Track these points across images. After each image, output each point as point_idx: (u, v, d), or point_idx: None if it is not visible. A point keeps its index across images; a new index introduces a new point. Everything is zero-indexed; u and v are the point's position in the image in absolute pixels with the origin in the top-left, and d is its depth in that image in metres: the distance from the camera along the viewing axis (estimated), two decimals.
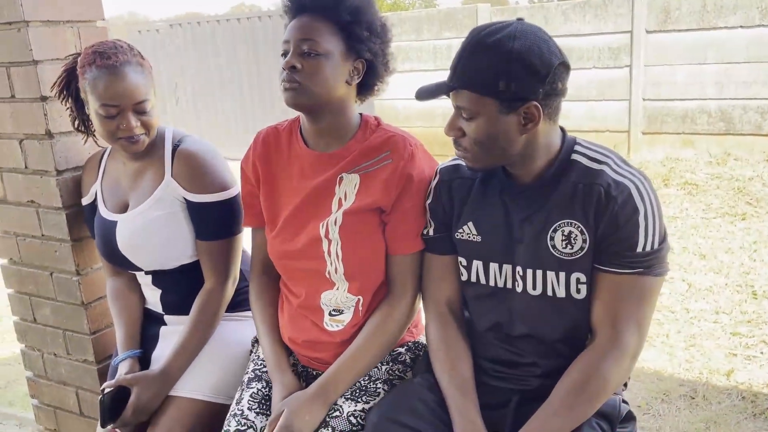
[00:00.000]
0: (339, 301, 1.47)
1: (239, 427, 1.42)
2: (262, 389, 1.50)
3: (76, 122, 1.72)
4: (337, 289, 1.46)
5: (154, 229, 1.64)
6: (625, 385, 1.42)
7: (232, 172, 1.68)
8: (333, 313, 1.48)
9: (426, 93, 1.29)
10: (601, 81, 7.56)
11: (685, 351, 3.33)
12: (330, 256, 1.43)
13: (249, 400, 1.47)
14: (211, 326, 1.68)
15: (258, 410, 1.45)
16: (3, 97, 1.83)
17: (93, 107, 1.56)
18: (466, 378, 1.36)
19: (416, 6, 29.24)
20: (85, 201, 1.79)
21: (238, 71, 9.17)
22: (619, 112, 7.55)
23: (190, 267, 1.71)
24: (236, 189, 1.67)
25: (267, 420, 1.40)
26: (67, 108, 1.71)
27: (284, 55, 1.39)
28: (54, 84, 1.68)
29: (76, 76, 1.61)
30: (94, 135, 1.74)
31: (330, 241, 1.43)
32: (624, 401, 1.37)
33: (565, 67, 1.24)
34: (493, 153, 1.25)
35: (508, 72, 1.18)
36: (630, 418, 1.37)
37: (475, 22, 7.92)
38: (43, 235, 1.91)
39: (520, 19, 1.25)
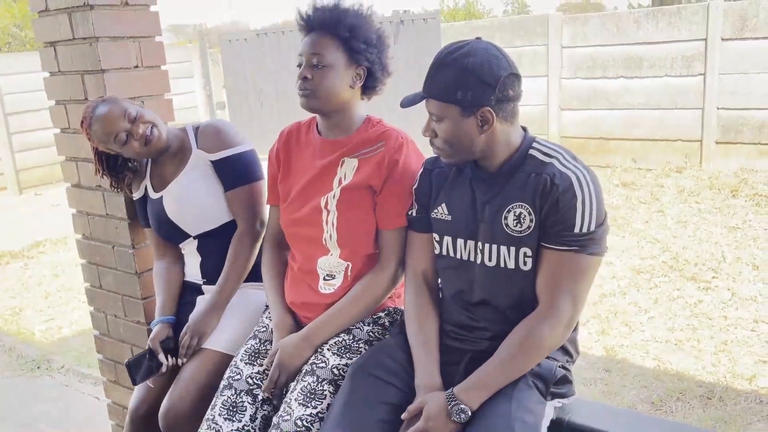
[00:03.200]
0: (332, 266, 1.75)
1: None
2: (232, 396, 1.70)
3: (111, 184, 2.11)
4: (331, 255, 1.74)
5: (192, 192, 2.01)
6: (571, 355, 1.60)
7: (245, 135, 2.09)
8: (327, 277, 1.76)
9: (408, 102, 1.55)
10: (674, 89, 7.45)
11: (713, 356, 3.38)
12: (327, 224, 1.72)
13: (220, 407, 1.67)
14: (247, 262, 2.00)
15: (227, 416, 1.65)
16: (79, 99, 2.21)
17: (114, 148, 1.95)
18: (431, 337, 1.61)
19: (508, 12, 29.18)
20: (136, 196, 2.15)
21: None
22: (692, 121, 7.42)
23: (229, 230, 2.03)
24: (250, 145, 2.04)
25: (233, 426, 1.64)
26: (109, 181, 2.10)
27: (299, 66, 1.70)
28: (96, 171, 2.08)
29: (97, 149, 2.01)
30: (129, 188, 2.14)
31: (328, 212, 1.72)
32: (564, 368, 1.55)
33: (515, 76, 1.46)
34: (459, 150, 1.50)
35: (464, 83, 1.42)
36: (566, 381, 1.56)
37: (546, 31, 8.00)
38: (107, 215, 2.30)
39: (478, 38, 1.50)
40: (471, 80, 1.42)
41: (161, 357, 1.95)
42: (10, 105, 9.08)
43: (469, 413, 1.43)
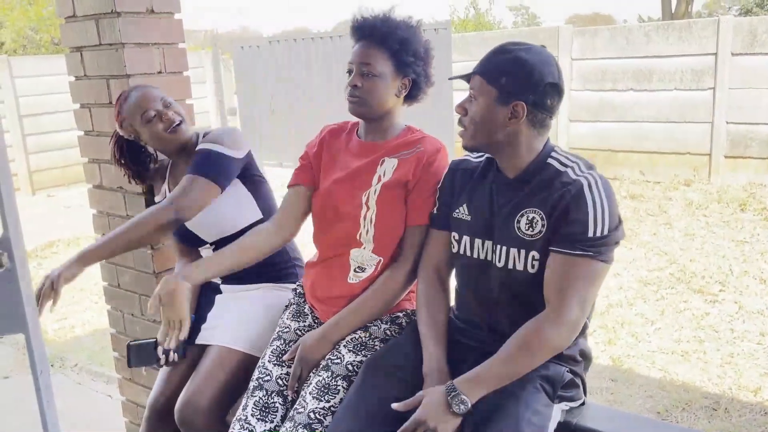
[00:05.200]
0: (364, 259, 1.80)
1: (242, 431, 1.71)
2: (263, 397, 1.74)
3: (130, 178, 2.15)
4: (364, 248, 1.80)
5: None
6: (575, 361, 1.63)
7: (246, 144, 2.05)
8: (357, 269, 1.81)
9: (457, 76, 1.64)
10: (683, 103, 7.49)
11: (718, 368, 3.40)
12: (364, 220, 1.78)
13: (252, 407, 1.72)
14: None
15: (259, 416, 1.70)
16: (104, 102, 2.28)
17: (138, 125, 1.99)
18: (440, 326, 1.67)
19: (518, 24, 29.35)
20: (158, 199, 2.20)
21: (329, 84, 9.73)
22: (701, 134, 7.45)
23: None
24: (239, 154, 2.00)
25: (266, 426, 1.70)
26: (123, 170, 2.14)
27: (349, 72, 1.80)
28: (111, 158, 2.14)
29: (121, 138, 2.07)
30: (147, 180, 2.19)
31: (368, 208, 1.78)
32: (572, 372, 1.59)
33: (558, 89, 1.52)
34: (482, 133, 1.55)
35: (510, 72, 1.50)
36: (573, 385, 1.60)
37: (556, 43, 8.06)
38: (127, 215, 2.36)
39: (543, 46, 1.57)
40: (518, 71, 1.49)
41: (159, 350, 1.99)
42: (24, 107, 9.20)
43: (469, 405, 1.44)
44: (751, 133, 7.18)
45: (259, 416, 1.69)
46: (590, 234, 1.45)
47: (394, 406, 1.50)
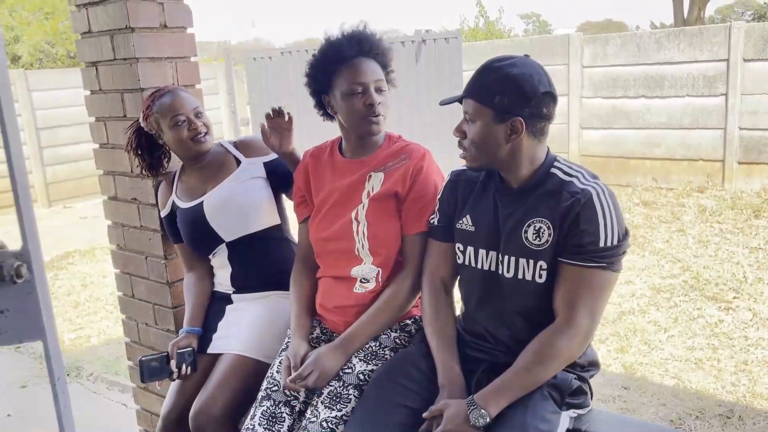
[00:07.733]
0: (365, 273, 1.82)
1: None
2: (271, 407, 1.76)
3: (143, 169, 2.21)
4: (364, 263, 1.82)
5: (236, 195, 2.09)
6: (582, 368, 1.64)
7: None
8: (362, 281, 1.83)
9: (447, 101, 1.66)
10: (695, 109, 7.46)
11: (732, 375, 3.38)
12: (358, 235, 1.81)
13: (260, 417, 1.75)
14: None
15: (266, 426, 1.72)
16: (118, 116, 2.33)
17: (164, 125, 2.04)
18: (451, 338, 1.69)
19: (529, 32, 29.37)
20: (163, 213, 2.23)
21: None
22: (714, 141, 7.42)
23: (264, 238, 2.11)
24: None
25: None
26: (138, 160, 2.19)
27: (362, 93, 1.75)
28: (126, 145, 2.19)
29: (141, 129, 2.13)
30: (160, 175, 2.25)
31: (359, 223, 1.81)
32: (579, 379, 1.60)
33: (551, 96, 1.54)
34: (484, 154, 1.56)
35: (502, 90, 1.50)
36: (581, 392, 1.61)
37: (567, 51, 8.07)
38: (141, 226, 2.40)
39: (526, 55, 1.58)
40: (510, 88, 1.49)
41: (172, 364, 2.03)
42: (41, 120, 9.33)
43: (488, 419, 1.47)
44: (764, 139, 7.13)
45: (266, 425, 1.71)
46: (602, 244, 1.47)
47: (425, 415, 1.53)
